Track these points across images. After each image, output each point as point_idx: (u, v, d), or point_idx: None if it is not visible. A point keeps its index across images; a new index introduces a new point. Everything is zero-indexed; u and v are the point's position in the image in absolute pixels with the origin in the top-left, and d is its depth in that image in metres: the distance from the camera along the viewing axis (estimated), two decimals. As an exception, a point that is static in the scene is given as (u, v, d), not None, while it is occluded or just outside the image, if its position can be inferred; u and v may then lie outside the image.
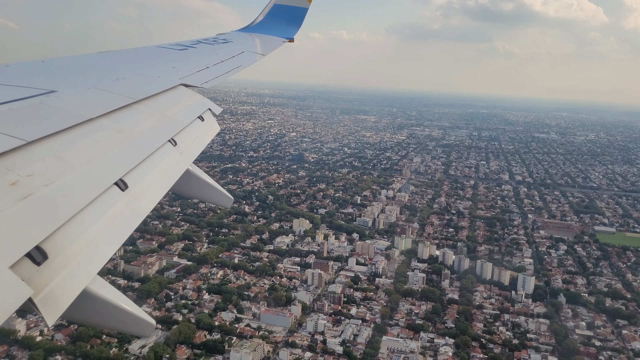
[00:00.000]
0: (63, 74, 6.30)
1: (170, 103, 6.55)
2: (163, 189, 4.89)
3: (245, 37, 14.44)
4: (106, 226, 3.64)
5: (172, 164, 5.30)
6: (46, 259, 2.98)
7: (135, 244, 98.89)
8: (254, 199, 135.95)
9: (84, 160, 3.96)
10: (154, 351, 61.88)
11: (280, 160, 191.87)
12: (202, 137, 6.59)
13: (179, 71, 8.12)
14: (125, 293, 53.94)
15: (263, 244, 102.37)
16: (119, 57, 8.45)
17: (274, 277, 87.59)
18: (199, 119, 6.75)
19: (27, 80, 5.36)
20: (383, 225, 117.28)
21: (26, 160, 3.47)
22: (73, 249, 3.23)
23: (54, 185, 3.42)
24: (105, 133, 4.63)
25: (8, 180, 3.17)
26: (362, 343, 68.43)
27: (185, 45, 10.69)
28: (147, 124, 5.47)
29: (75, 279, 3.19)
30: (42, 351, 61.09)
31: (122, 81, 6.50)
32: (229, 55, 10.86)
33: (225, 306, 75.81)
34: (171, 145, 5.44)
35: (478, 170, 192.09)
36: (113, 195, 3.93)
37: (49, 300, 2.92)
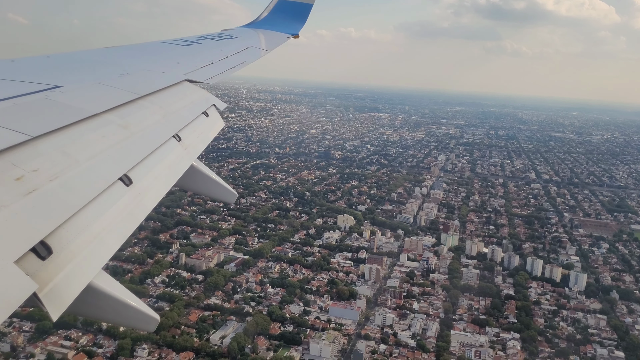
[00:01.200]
0: (68, 69, 6.36)
1: (175, 98, 6.55)
2: (167, 185, 4.89)
3: (250, 33, 14.42)
4: (111, 221, 3.66)
5: (177, 160, 5.32)
6: (51, 254, 2.99)
7: (189, 238, 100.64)
8: (291, 195, 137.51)
9: (88, 156, 3.98)
10: (236, 341, 63.44)
11: (308, 157, 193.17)
12: (206, 133, 6.62)
13: (183, 67, 8.14)
14: (191, 285, 56.30)
15: (312, 239, 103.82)
16: (123, 52, 8.50)
17: (330, 272, 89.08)
18: (203, 115, 6.74)
19: (32, 76, 5.37)
20: (424, 222, 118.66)
21: (31, 156, 3.49)
22: (78, 244, 3.24)
23: (59, 181, 3.44)
24: (110, 128, 4.65)
25: (13, 175, 3.19)
26: (432, 337, 69.96)
27: (190, 41, 10.69)
28: (152, 120, 5.49)
29: (80, 273, 3.20)
30: (130, 340, 62.67)
31: (126, 77, 6.51)
32: (233, 51, 10.83)
33: (291, 299, 77.39)
34: (176, 140, 5.46)
35: (504, 168, 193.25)
36: (118, 191, 3.94)
37: (53, 295, 2.93)
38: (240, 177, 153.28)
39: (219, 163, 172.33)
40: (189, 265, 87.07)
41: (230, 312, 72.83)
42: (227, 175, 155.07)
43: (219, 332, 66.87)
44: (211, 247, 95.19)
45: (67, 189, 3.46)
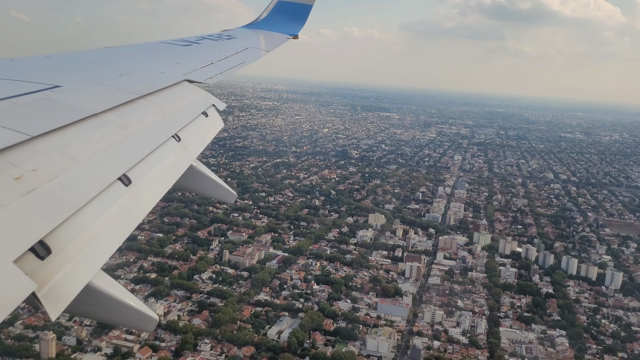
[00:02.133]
0: (67, 69, 6.37)
1: (175, 98, 6.56)
2: (167, 185, 4.91)
3: (250, 34, 14.46)
4: (110, 221, 3.67)
5: (176, 160, 5.33)
6: (50, 254, 2.99)
7: (227, 235, 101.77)
8: (317, 193, 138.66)
9: (88, 155, 3.99)
10: (295, 336, 64.62)
11: (326, 156, 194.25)
12: (206, 133, 6.62)
13: (183, 67, 8.15)
14: (237, 282, 57.54)
15: (347, 237, 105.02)
16: (123, 52, 8.51)
17: (371, 270, 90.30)
18: (203, 115, 6.75)
19: (32, 75, 5.37)
20: (453, 221, 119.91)
21: (30, 155, 3.50)
22: (77, 243, 3.24)
23: (58, 180, 3.44)
24: (109, 128, 4.66)
25: (12, 174, 3.19)
26: (482, 333, 71.26)
27: (189, 41, 10.70)
28: (151, 120, 5.49)
29: (79, 273, 3.19)
30: (192, 335, 63.79)
31: (126, 76, 6.51)
32: (233, 51, 10.84)
33: (338, 296, 78.58)
34: (175, 140, 5.48)
35: (520, 168, 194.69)
36: (117, 190, 3.94)
37: (52, 295, 2.92)
38: (264, 176, 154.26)
39: (240, 162, 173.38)
40: (232, 262, 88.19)
41: (282, 308, 73.99)
42: (250, 173, 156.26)
43: (274, 328, 68.02)
44: (250, 245, 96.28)
45: (66, 189, 3.47)
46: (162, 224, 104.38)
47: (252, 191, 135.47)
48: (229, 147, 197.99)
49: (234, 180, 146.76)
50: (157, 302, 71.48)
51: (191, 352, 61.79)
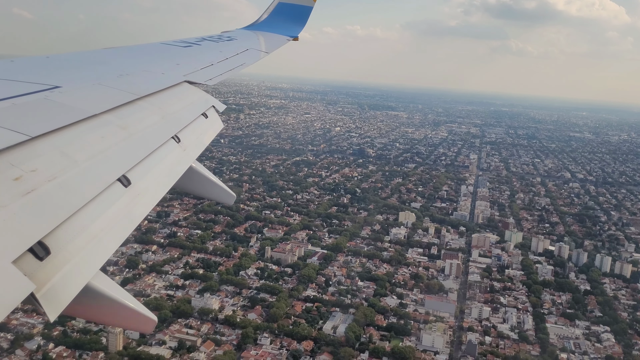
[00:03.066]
0: (67, 69, 6.36)
1: (174, 100, 6.56)
2: (166, 186, 4.92)
3: (250, 35, 14.47)
4: (109, 222, 3.67)
5: (176, 161, 5.34)
6: (49, 254, 2.98)
7: (263, 232, 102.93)
8: (341, 191, 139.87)
9: (87, 156, 3.99)
10: (351, 331, 65.88)
11: (343, 155, 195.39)
12: (205, 134, 6.59)
13: (183, 68, 8.16)
14: (282, 278, 59.07)
15: (380, 234, 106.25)
16: (123, 53, 8.51)
17: (410, 267, 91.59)
18: (202, 116, 6.75)
19: (32, 76, 5.37)
20: (481, 219, 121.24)
21: (30, 156, 3.50)
22: (76, 244, 3.24)
23: (57, 181, 3.44)
24: (109, 129, 4.66)
25: (11, 175, 3.20)
26: (530, 329, 72.58)
27: (189, 42, 10.71)
28: (151, 121, 5.49)
29: (78, 274, 3.20)
30: (252, 329, 64.99)
31: (126, 77, 6.49)
32: (233, 52, 10.86)
33: (384, 292, 79.83)
34: (175, 142, 5.48)
35: (537, 167, 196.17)
36: (116, 191, 3.95)
37: (51, 296, 2.92)
38: (287, 174, 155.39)
39: (260, 160, 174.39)
40: (274, 259, 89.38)
41: (331, 304, 75.24)
42: (273, 171, 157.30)
43: (329, 323, 69.23)
44: (288, 242, 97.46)
45: (66, 190, 3.46)
46: (198, 221, 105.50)
47: (278, 189, 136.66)
48: (247, 146, 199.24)
49: (258, 178, 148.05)
50: (212, 297, 72.55)
51: (252, 346, 62.86)
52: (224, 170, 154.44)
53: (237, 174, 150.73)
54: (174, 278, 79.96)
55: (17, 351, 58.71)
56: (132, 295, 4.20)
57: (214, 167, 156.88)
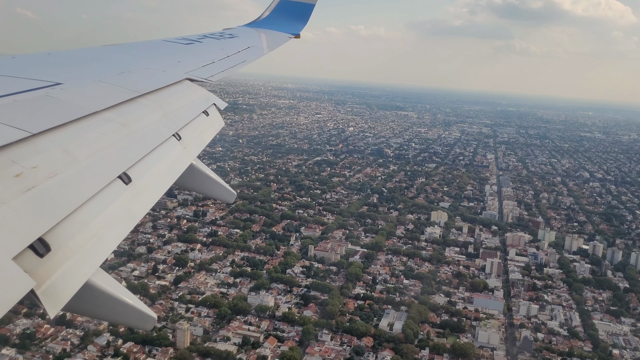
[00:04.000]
0: (69, 66, 6.34)
1: (175, 97, 6.53)
2: (167, 183, 4.91)
3: (251, 32, 14.37)
4: (109, 219, 3.67)
5: (176, 159, 5.33)
6: (49, 251, 2.99)
7: (300, 231, 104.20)
8: (368, 190, 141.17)
9: (88, 153, 3.99)
10: (409, 328, 67.13)
11: (362, 154, 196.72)
12: (206, 132, 6.59)
13: (184, 65, 8.12)
14: (329, 276, 60.40)
15: (415, 233, 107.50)
16: (124, 50, 8.48)
17: (451, 265, 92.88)
18: (203, 114, 6.74)
19: (33, 73, 5.37)
20: (511, 219, 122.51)
21: (31, 153, 3.50)
22: (76, 241, 3.25)
23: (58, 178, 3.45)
24: (110, 126, 4.66)
25: (12, 172, 3.20)
26: (578, 326, 73.87)
27: (191, 40, 10.65)
28: (152, 118, 5.49)
29: (78, 271, 3.20)
30: (312, 326, 66.25)
31: (127, 75, 6.49)
32: (234, 50, 10.81)
33: (431, 290, 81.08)
34: (175, 139, 5.47)
35: (554, 167, 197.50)
36: (116, 189, 3.95)
37: (51, 293, 2.94)
38: (311, 173, 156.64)
39: (281, 159, 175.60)
40: (317, 257, 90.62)
41: (382, 301, 76.50)
42: (297, 171, 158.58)
43: (384, 320, 70.48)
44: (328, 240, 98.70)
45: (66, 187, 3.47)
46: (235, 220, 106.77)
47: (306, 188, 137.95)
48: (266, 145, 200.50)
49: (284, 177, 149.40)
50: (268, 295, 73.83)
51: (315, 342, 64.11)
52: (249, 170, 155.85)
53: (262, 174, 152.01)
54: (224, 276, 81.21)
55: (89, 347, 59.90)
56: (132, 293, 4.23)
57: (238, 167, 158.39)
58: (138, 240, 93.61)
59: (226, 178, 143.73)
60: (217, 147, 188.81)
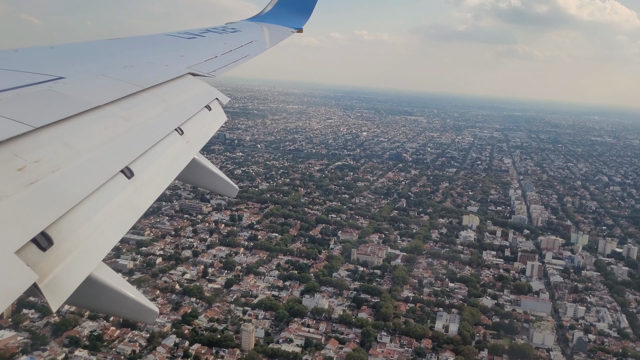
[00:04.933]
0: (71, 60, 6.34)
1: (178, 91, 6.53)
2: (169, 178, 4.94)
3: (254, 27, 14.25)
4: (112, 213, 3.69)
5: (179, 153, 5.34)
6: (51, 245, 3.01)
7: (337, 235, 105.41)
8: (395, 195, 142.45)
9: (90, 147, 4.00)
10: (465, 330, 68.22)
11: (380, 159, 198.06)
12: (209, 127, 6.55)
13: (187, 60, 8.10)
14: (374, 279, 61.84)
15: (452, 237, 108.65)
16: (127, 44, 8.45)
17: (491, 269, 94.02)
18: (206, 108, 6.73)
19: (36, 66, 5.38)
20: (540, 222, 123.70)
21: (33, 146, 3.52)
22: (78, 235, 3.26)
23: (60, 172, 3.46)
24: (113, 120, 4.67)
25: (15, 165, 3.22)
26: (627, 327, 74.92)
27: (194, 34, 10.58)
28: (154, 112, 5.50)
29: (80, 265, 3.22)
30: (371, 328, 67.29)
31: (130, 69, 6.49)
32: (237, 44, 10.76)
33: (477, 292, 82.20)
34: (178, 134, 5.47)
35: (572, 171, 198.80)
36: (119, 183, 3.96)
37: (53, 286, 2.95)
38: (335, 178, 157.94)
39: (303, 164, 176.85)
40: (360, 261, 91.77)
41: (433, 304, 77.61)
42: (321, 176, 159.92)
43: (438, 322, 71.58)
44: (367, 244, 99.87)
45: (69, 181, 3.48)
46: (272, 224, 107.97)
47: (333, 193, 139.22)
48: (284, 150, 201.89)
49: (309, 182, 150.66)
50: (323, 298, 74.96)
51: (376, 344, 65.19)
52: (274, 174, 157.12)
53: (287, 179, 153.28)
54: (273, 279, 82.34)
55: (159, 348, 60.98)
56: (134, 287, 4.26)
57: (262, 171, 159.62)
58: (182, 244, 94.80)
59: (253, 183, 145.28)
60: (237, 152, 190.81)
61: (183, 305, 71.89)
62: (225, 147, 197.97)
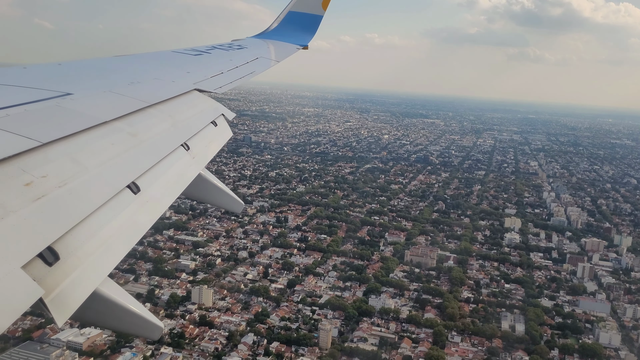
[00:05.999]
0: (79, 76, 6.45)
1: (184, 107, 6.58)
2: (175, 193, 4.94)
3: (260, 44, 14.48)
4: (118, 229, 3.72)
5: (185, 168, 5.36)
6: (58, 260, 3.02)
7: (385, 237, 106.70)
8: (430, 197, 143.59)
9: (97, 163, 4.04)
10: (533, 329, 69.32)
11: (407, 162, 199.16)
12: (215, 142, 6.61)
13: (193, 76, 8.22)
14: (431, 280, 62.78)
15: (498, 239, 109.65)
16: (134, 61, 8.62)
17: (542, 270, 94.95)
18: (212, 124, 6.78)
19: (44, 83, 5.45)
20: (580, 224, 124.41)
21: (41, 162, 3.55)
22: (84, 250, 3.29)
23: (67, 187, 3.48)
24: (119, 136, 4.70)
25: (22, 180, 3.24)
26: (690, 327, 75.68)
27: (200, 51, 10.74)
28: (161, 128, 5.55)
29: (86, 280, 3.24)
30: (442, 327, 68.53)
31: (136, 85, 6.57)
32: (243, 61, 10.91)
33: (534, 293, 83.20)
34: (184, 149, 5.51)
35: (599, 174, 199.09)
36: (125, 198, 3.99)
37: (59, 301, 2.96)
38: (368, 181, 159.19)
39: (332, 167, 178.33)
40: (414, 262, 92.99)
41: (494, 304, 78.69)
42: (354, 178, 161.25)
43: (503, 322, 72.68)
44: (417, 246, 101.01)
45: (76, 196, 3.51)
46: (318, 226, 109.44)
47: (370, 195, 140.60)
48: (311, 153, 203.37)
49: (344, 184, 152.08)
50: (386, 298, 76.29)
51: (450, 343, 66.40)
52: (307, 177, 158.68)
53: (322, 181, 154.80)
54: (334, 280, 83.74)
55: (240, 346, 62.48)
56: (140, 302, 4.27)
57: (295, 174, 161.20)
58: (235, 245, 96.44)
59: (290, 185, 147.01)
60: (265, 154, 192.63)
61: (252, 304, 73.39)
62: (252, 150, 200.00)
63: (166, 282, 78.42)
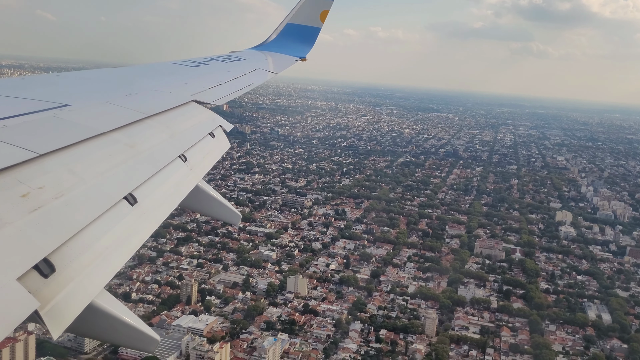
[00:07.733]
0: (77, 88, 6.47)
1: (182, 119, 6.60)
2: (172, 204, 4.92)
3: (258, 55, 14.56)
4: (114, 240, 3.71)
5: (182, 180, 5.35)
6: (54, 272, 2.99)
7: (445, 230, 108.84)
8: (473, 192, 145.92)
9: (94, 174, 4.03)
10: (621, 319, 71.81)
11: (437, 156, 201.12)
12: (212, 154, 6.63)
13: (191, 87, 8.25)
14: (505, 272, 66.06)
15: (553, 232, 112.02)
16: (132, 72, 8.73)
17: (606, 262, 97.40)
18: (209, 136, 6.78)
19: (42, 94, 5.47)
20: (627, 218, 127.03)
21: (38, 173, 3.54)
22: (81, 262, 3.26)
23: (64, 198, 3.47)
24: (117, 147, 4.70)
25: (19, 192, 3.23)
26: None
27: (198, 62, 10.81)
28: (158, 139, 5.55)
29: (82, 292, 3.20)
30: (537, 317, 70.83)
31: (134, 96, 6.60)
32: (241, 72, 10.99)
33: (607, 284, 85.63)
34: (181, 160, 5.51)
35: (627, 169, 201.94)
36: (122, 210, 3.97)
37: (55, 313, 2.93)
38: (409, 174, 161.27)
39: (366, 160, 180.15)
40: (484, 254, 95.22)
41: (575, 295, 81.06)
42: (392, 172, 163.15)
43: (589, 312, 75.04)
44: (481, 238, 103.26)
45: (72, 207, 3.50)
46: (379, 218, 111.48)
47: (415, 189, 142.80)
48: (340, 147, 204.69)
49: (385, 178, 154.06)
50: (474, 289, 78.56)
51: (546, 331, 68.68)
52: (344, 170, 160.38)
53: (361, 175, 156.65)
54: (414, 271, 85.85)
55: (351, 333, 64.53)
56: (134, 315, 4.22)
57: (334, 168, 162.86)
58: (305, 236, 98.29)
59: (333, 178, 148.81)
60: (297, 148, 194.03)
61: (344, 294, 75.37)
62: (283, 143, 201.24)
63: (255, 271, 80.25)
